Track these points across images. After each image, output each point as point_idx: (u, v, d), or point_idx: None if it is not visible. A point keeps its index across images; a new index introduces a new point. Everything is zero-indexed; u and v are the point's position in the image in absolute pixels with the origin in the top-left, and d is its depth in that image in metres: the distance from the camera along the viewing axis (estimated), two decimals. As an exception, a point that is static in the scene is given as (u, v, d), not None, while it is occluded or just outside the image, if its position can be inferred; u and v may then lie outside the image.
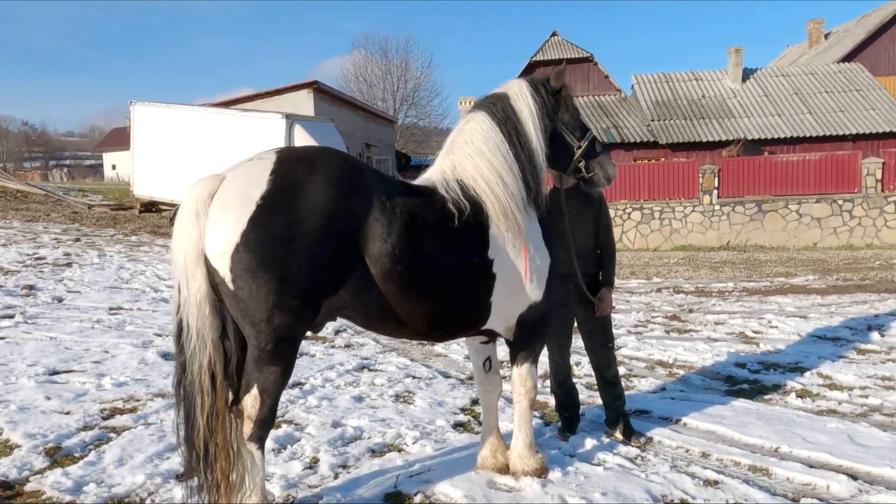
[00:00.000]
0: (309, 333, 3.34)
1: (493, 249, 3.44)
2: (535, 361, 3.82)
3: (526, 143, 3.61)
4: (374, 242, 3.05)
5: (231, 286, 2.86)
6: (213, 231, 2.88)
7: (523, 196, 3.54)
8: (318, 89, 26.60)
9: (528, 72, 28.81)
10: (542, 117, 3.70)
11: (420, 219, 3.21)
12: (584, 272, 4.37)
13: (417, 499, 3.64)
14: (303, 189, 2.93)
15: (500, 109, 3.66)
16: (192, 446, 3.00)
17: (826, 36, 36.93)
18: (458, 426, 4.82)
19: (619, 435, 4.52)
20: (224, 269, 2.86)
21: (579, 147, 3.84)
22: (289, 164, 3.01)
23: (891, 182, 19.71)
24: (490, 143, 3.55)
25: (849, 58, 30.30)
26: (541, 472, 3.82)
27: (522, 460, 3.81)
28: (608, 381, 4.62)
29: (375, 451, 4.31)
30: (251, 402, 3.02)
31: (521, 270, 3.51)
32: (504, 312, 3.58)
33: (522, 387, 3.80)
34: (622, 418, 4.58)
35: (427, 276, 3.21)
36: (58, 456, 4.12)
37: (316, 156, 3.11)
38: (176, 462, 4.00)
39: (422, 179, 3.60)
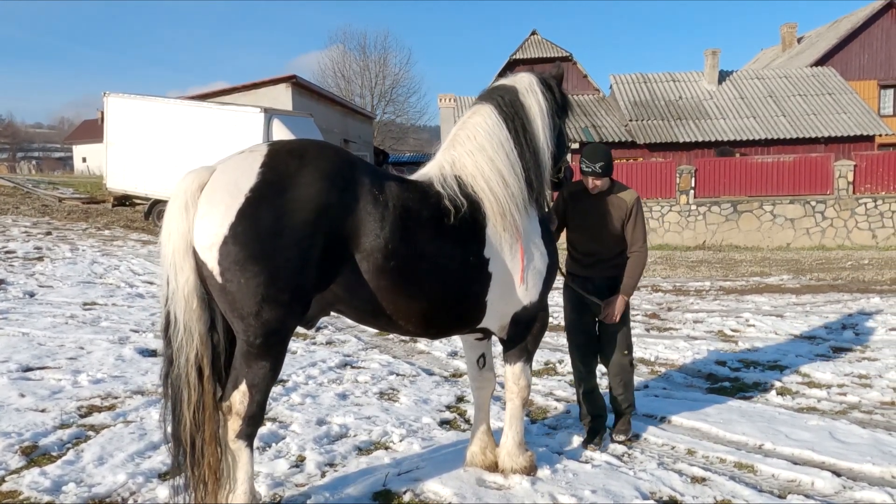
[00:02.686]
0: (298, 329, 3.28)
1: (490, 249, 3.39)
2: (528, 360, 3.78)
3: (532, 141, 3.53)
4: (366, 237, 3.01)
5: (219, 279, 2.82)
6: (202, 223, 2.83)
7: (524, 196, 3.48)
8: (297, 84, 26.32)
9: (507, 70, 28.84)
10: (552, 115, 3.64)
11: (414, 214, 3.16)
12: (604, 275, 4.27)
13: (407, 497, 3.61)
14: (293, 182, 2.89)
15: (508, 104, 3.56)
16: (178, 441, 2.95)
17: (799, 40, 37.56)
18: (444, 424, 4.79)
19: (618, 437, 4.44)
20: (212, 262, 2.81)
21: (569, 148, 3.85)
22: (279, 157, 2.96)
23: (862, 184, 20.12)
24: (494, 140, 3.47)
25: (821, 62, 30.85)
26: (530, 471, 3.81)
27: (511, 458, 3.79)
28: (616, 394, 4.44)
29: (362, 449, 4.27)
30: (239, 398, 2.97)
31: (517, 270, 3.47)
32: (499, 312, 3.55)
33: (515, 385, 3.76)
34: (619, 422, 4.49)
35: (420, 272, 3.16)
36: (34, 455, 4.01)
37: (308, 149, 3.07)
38: (158, 461, 3.93)
39: (420, 174, 3.53)
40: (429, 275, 3.19)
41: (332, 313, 3.35)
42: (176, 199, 2.89)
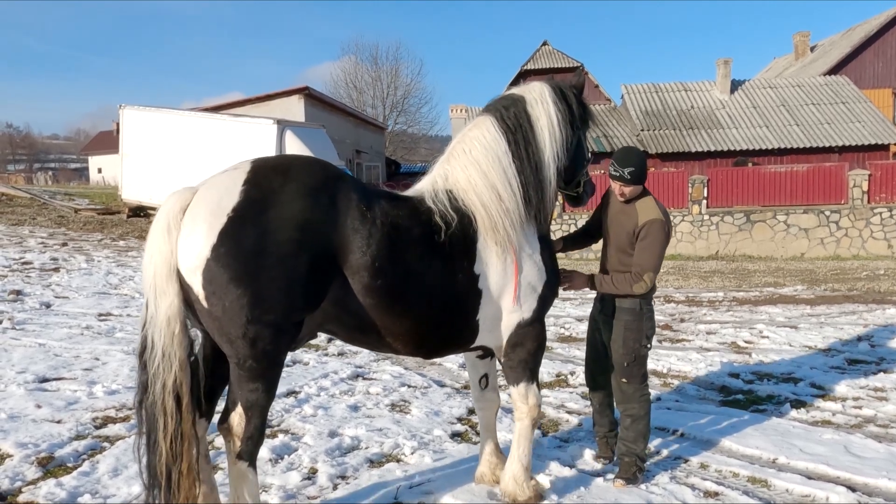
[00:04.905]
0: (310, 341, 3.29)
1: (480, 265, 3.29)
2: (532, 378, 3.60)
3: (535, 155, 3.43)
4: (353, 254, 2.93)
5: (205, 303, 2.76)
6: (185, 245, 2.77)
7: (521, 211, 3.36)
8: (309, 95, 26.55)
9: (518, 80, 28.93)
10: (565, 126, 3.51)
11: (403, 231, 3.08)
12: (608, 293, 3.98)
13: (418, 510, 3.61)
14: (276, 199, 2.81)
15: (511, 116, 3.45)
16: (153, 472, 2.83)
17: (812, 49, 37.42)
18: (455, 436, 4.79)
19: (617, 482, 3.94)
20: (197, 286, 2.75)
21: (588, 160, 3.76)
22: (263, 174, 2.90)
23: (877, 194, 19.96)
24: (490, 154, 3.37)
25: (834, 70, 30.71)
26: (535, 499, 3.61)
27: (517, 484, 3.59)
28: (622, 427, 4.04)
29: (374, 462, 4.28)
30: (238, 420, 2.95)
31: (510, 288, 3.35)
32: (494, 330, 3.44)
33: (524, 405, 3.59)
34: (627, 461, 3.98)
35: (409, 290, 3.07)
36: (51, 466, 4.05)
37: (292, 165, 3.00)
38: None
39: (414, 189, 3.46)
40: (417, 293, 3.10)
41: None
42: (158, 221, 2.83)
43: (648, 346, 3.97)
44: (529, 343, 3.53)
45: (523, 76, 29.23)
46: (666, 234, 3.80)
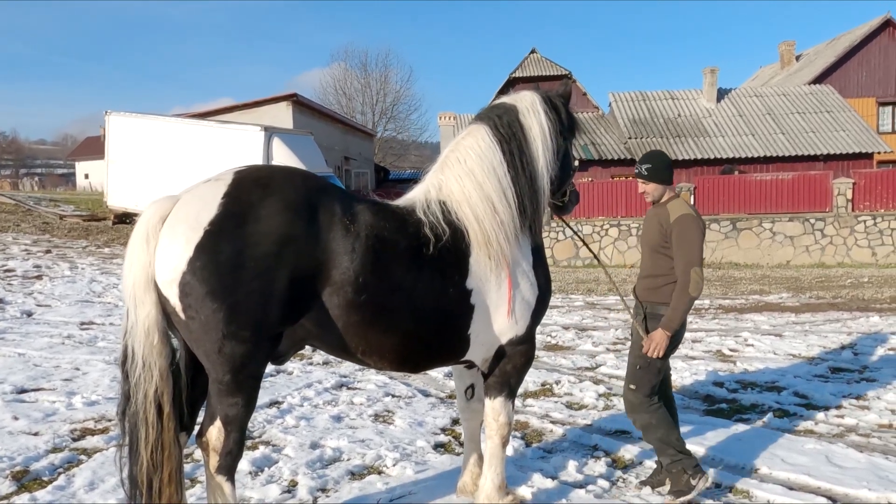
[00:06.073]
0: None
1: (473, 279, 3.21)
2: (510, 396, 3.52)
3: (529, 165, 3.36)
4: (335, 269, 2.86)
5: (182, 315, 2.74)
6: (162, 258, 2.74)
7: (516, 223, 3.30)
8: (298, 102, 26.50)
9: (507, 88, 29.03)
10: (556, 136, 3.47)
11: (389, 244, 3.00)
12: (642, 296, 3.97)
13: (398, 524, 3.57)
14: (255, 213, 2.77)
15: (505, 125, 3.38)
16: (134, 482, 2.82)
17: (797, 58, 37.79)
18: (438, 447, 4.76)
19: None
20: (174, 298, 2.73)
21: (575, 169, 3.77)
22: (243, 187, 2.85)
23: (861, 202, 20.16)
24: (485, 164, 3.30)
25: (819, 79, 31.02)
26: None
27: (490, 502, 3.53)
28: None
29: (355, 474, 4.24)
30: (216, 434, 2.91)
31: (503, 302, 3.29)
32: (484, 344, 3.38)
33: (495, 422, 3.49)
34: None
35: (395, 307, 3.00)
36: (25, 480, 3.99)
37: (274, 177, 2.95)
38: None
39: (405, 198, 3.40)
40: (404, 309, 3.03)
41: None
42: (137, 230, 2.81)
43: (669, 355, 3.85)
44: (517, 358, 3.47)
45: (512, 84, 29.34)
46: (699, 227, 3.75)
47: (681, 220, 3.74)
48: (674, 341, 3.81)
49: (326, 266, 2.87)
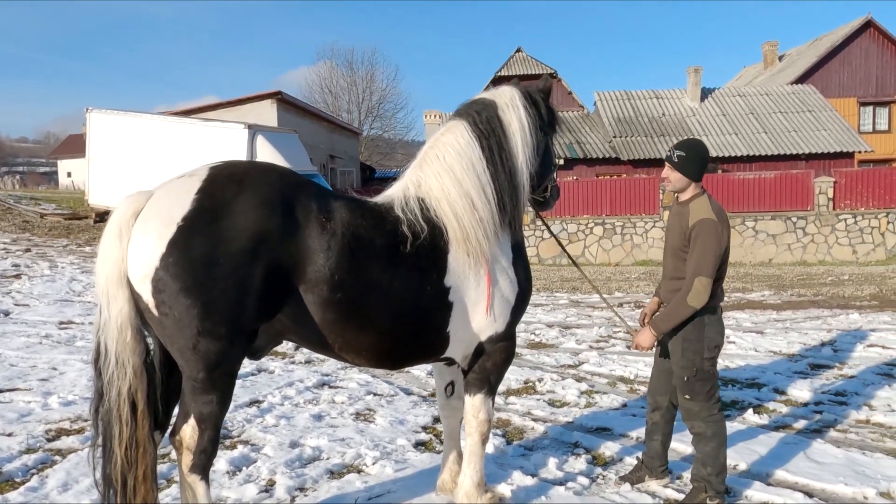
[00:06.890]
0: (277, 347, 3.23)
1: (451, 277, 3.19)
2: (490, 393, 3.50)
3: (509, 161, 3.33)
4: (310, 267, 2.84)
5: (155, 312, 2.70)
6: (134, 253, 2.70)
7: (495, 220, 3.28)
8: (282, 100, 26.33)
9: (492, 87, 29.02)
10: (535, 132, 3.44)
11: (365, 242, 2.98)
12: (667, 301, 3.80)
13: (376, 523, 3.55)
14: (229, 209, 2.74)
15: (484, 120, 3.36)
16: (108, 481, 2.78)
17: (780, 58, 38.15)
18: (419, 445, 4.74)
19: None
20: (147, 295, 2.69)
21: (556, 165, 3.71)
22: (217, 182, 2.82)
23: (842, 200, 20.39)
24: (464, 161, 3.28)
25: (802, 79, 31.34)
26: None
27: (469, 500, 3.52)
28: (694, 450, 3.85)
29: (334, 473, 4.21)
30: (189, 432, 2.87)
31: (482, 300, 3.27)
32: (464, 342, 3.36)
33: (475, 419, 3.48)
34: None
35: (372, 305, 2.98)
36: (-3, 481, 3.91)
37: (249, 173, 2.91)
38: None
39: (384, 195, 3.36)
40: (381, 307, 3.01)
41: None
42: (110, 225, 2.77)
43: (713, 358, 3.68)
44: (498, 355, 3.46)
45: (497, 82, 29.32)
46: (718, 235, 3.53)
47: (699, 225, 3.56)
48: (711, 345, 3.65)
49: (302, 263, 2.84)
